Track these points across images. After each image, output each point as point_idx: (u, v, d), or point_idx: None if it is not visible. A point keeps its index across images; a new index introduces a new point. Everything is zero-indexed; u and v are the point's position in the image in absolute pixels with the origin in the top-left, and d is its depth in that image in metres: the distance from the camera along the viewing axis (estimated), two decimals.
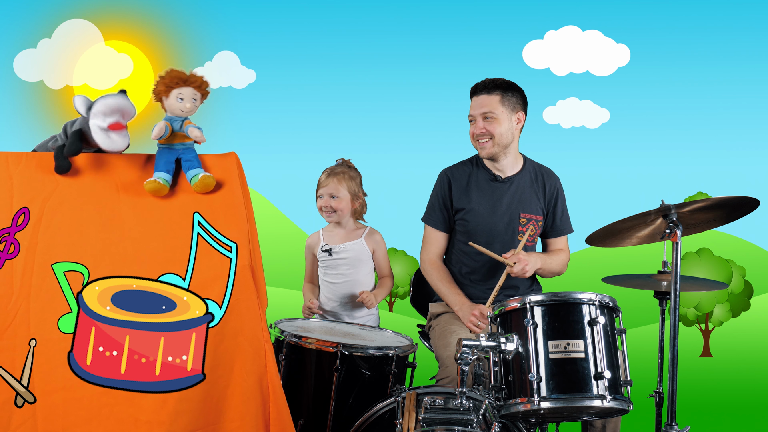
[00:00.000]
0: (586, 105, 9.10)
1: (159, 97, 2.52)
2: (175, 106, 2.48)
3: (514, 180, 3.16)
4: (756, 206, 2.39)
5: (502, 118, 3.06)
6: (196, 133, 2.49)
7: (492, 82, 3.10)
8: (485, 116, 3.06)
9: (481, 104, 3.08)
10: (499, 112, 3.05)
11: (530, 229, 3.11)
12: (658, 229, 2.54)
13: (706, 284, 3.18)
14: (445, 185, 3.19)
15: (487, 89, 3.08)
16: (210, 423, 2.22)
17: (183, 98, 2.48)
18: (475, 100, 3.11)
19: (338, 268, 3.24)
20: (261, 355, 2.30)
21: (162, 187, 2.43)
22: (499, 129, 3.06)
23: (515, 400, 2.20)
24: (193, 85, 2.49)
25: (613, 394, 2.17)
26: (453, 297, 3.07)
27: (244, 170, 2.58)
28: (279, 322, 2.89)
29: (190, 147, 2.53)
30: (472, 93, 3.14)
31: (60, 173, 2.44)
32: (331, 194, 3.21)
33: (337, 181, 3.21)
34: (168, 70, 2.51)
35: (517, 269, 2.94)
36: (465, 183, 3.16)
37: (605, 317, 2.24)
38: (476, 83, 3.13)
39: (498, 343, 2.22)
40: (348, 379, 2.64)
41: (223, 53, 9.35)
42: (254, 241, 2.46)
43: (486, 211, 3.11)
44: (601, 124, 9.00)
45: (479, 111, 3.07)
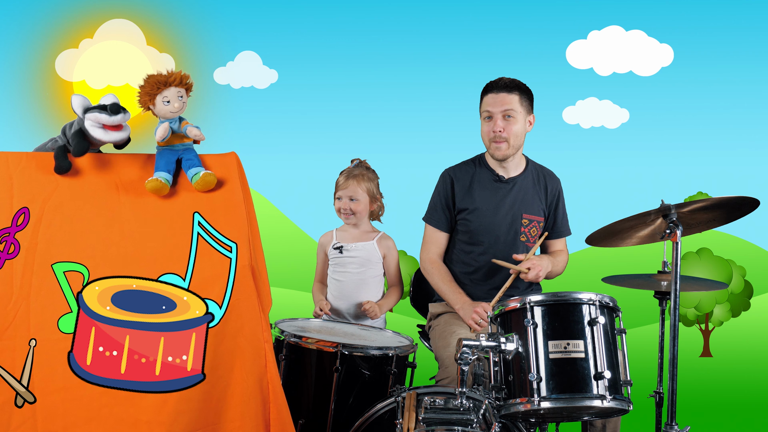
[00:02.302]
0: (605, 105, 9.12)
1: (146, 106, 2.51)
2: (165, 109, 2.48)
3: (517, 181, 3.16)
4: (756, 206, 2.39)
5: (519, 118, 3.04)
6: (195, 132, 2.49)
7: (512, 81, 3.06)
8: (506, 114, 3.02)
9: (502, 101, 3.02)
10: (518, 112, 3.03)
11: (533, 230, 3.12)
12: (658, 229, 2.54)
13: (706, 284, 3.18)
14: (447, 185, 3.19)
15: (508, 88, 3.03)
16: (210, 423, 2.22)
17: (169, 100, 2.47)
18: (494, 97, 3.04)
19: (347, 266, 3.23)
20: (261, 355, 2.30)
21: (163, 186, 2.43)
22: (516, 129, 3.04)
23: (515, 400, 2.20)
24: (174, 84, 2.48)
25: (613, 394, 2.16)
26: (454, 296, 3.07)
27: (245, 170, 2.58)
28: (279, 322, 2.89)
29: (189, 147, 2.54)
30: (489, 89, 3.07)
31: (60, 173, 2.44)
32: (350, 197, 3.20)
33: (356, 183, 3.20)
34: (145, 78, 2.50)
35: (532, 275, 2.94)
36: (468, 183, 3.16)
37: (605, 317, 2.24)
38: (493, 81, 3.08)
39: (498, 343, 2.21)
40: (348, 379, 2.64)
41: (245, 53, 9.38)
42: (256, 241, 2.46)
43: (489, 211, 3.11)
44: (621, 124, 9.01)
45: (500, 108, 3.02)
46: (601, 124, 9.11)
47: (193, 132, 2.49)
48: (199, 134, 2.49)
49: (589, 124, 9.07)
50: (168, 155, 2.50)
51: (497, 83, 3.06)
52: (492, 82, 3.09)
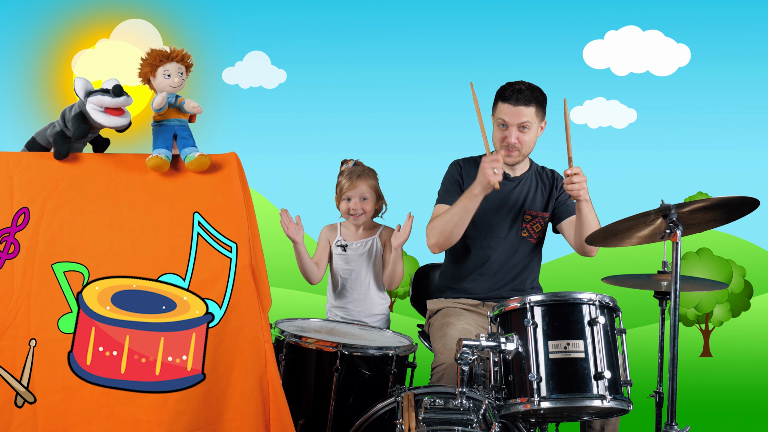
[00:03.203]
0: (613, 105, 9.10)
1: (146, 78, 2.53)
2: (164, 83, 2.49)
3: (521, 179, 3.17)
4: (756, 206, 2.39)
5: (533, 128, 3.02)
6: (193, 104, 2.51)
7: (530, 92, 2.98)
8: (521, 126, 2.99)
9: (519, 114, 2.96)
10: (533, 123, 3.00)
11: (537, 226, 3.11)
12: (658, 229, 2.54)
13: (706, 284, 3.18)
14: (457, 171, 3.18)
15: (526, 101, 2.95)
16: (210, 423, 2.22)
17: (170, 74, 2.49)
18: (511, 108, 2.97)
19: (350, 264, 3.24)
20: (261, 355, 2.30)
21: (164, 162, 2.44)
22: (529, 139, 3.03)
23: (515, 400, 2.20)
24: (176, 59, 2.50)
25: (613, 394, 2.17)
26: (464, 193, 2.98)
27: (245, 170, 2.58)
28: (279, 322, 2.89)
29: (185, 124, 2.55)
30: (508, 98, 2.98)
31: (59, 159, 2.45)
32: (361, 196, 3.20)
33: (364, 182, 3.20)
34: (148, 51, 2.53)
35: (577, 180, 2.80)
36: (473, 178, 3.16)
37: (605, 317, 2.24)
38: (512, 88, 2.99)
39: (498, 343, 2.22)
40: (348, 379, 2.64)
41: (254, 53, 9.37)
42: (256, 241, 2.46)
43: (492, 207, 3.11)
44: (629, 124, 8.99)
45: (517, 120, 2.97)
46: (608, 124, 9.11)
47: (191, 104, 2.50)
48: (197, 107, 2.51)
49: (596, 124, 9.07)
50: (164, 132, 2.52)
51: (515, 94, 2.97)
52: (510, 89, 2.99)
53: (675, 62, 8.81)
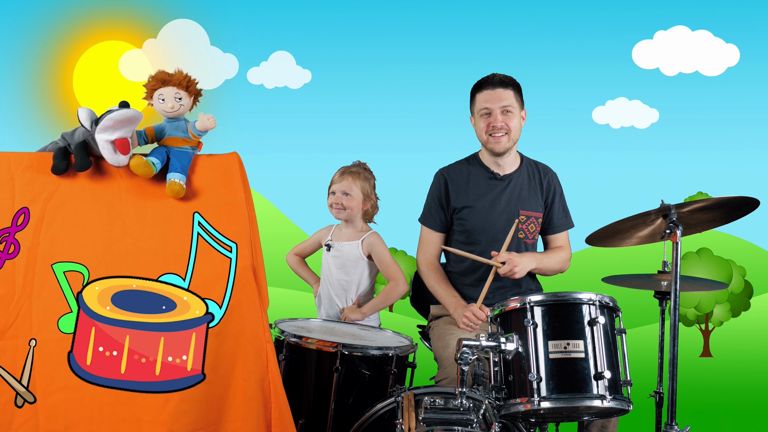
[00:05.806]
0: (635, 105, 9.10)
1: (147, 100, 2.54)
2: (159, 107, 2.52)
3: (512, 177, 3.16)
4: (756, 206, 2.39)
5: (516, 113, 3.09)
6: (204, 122, 2.49)
7: (507, 77, 3.10)
8: (505, 110, 3.06)
9: (500, 97, 3.06)
10: (514, 107, 3.08)
11: (531, 226, 3.11)
12: (658, 229, 2.54)
13: (706, 284, 3.18)
14: (441, 185, 3.19)
15: (504, 84, 3.08)
16: (212, 423, 2.22)
17: (164, 98, 2.50)
18: (491, 93, 3.07)
19: (330, 267, 3.25)
20: (263, 355, 2.30)
21: (145, 164, 2.41)
22: (514, 123, 3.08)
23: (515, 400, 2.20)
24: (173, 84, 2.49)
25: (613, 394, 2.17)
26: (448, 299, 3.07)
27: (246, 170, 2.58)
28: (279, 322, 2.90)
29: (186, 151, 2.52)
30: (483, 86, 3.10)
31: (56, 174, 2.42)
32: (344, 191, 3.21)
33: (352, 179, 3.21)
34: (152, 74, 2.53)
35: (505, 270, 2.93)
36: (463, 182, 3.16)
37: (605, 317, 2.24)
38: (487, 77, 3.11)
39: (498, 343, 2.22)
40: (348, 379, 2.65)
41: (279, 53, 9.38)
42: (256, 241, 2.46)
43: (485, 209, 3.11)
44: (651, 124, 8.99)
45: (499, 104, 3.06)
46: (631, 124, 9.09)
47: (201, 123, 2.48)
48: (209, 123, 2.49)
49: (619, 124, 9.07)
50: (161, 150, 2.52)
51: (491, 80, 3.09)
52: (484, 79, 3.12)
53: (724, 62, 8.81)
